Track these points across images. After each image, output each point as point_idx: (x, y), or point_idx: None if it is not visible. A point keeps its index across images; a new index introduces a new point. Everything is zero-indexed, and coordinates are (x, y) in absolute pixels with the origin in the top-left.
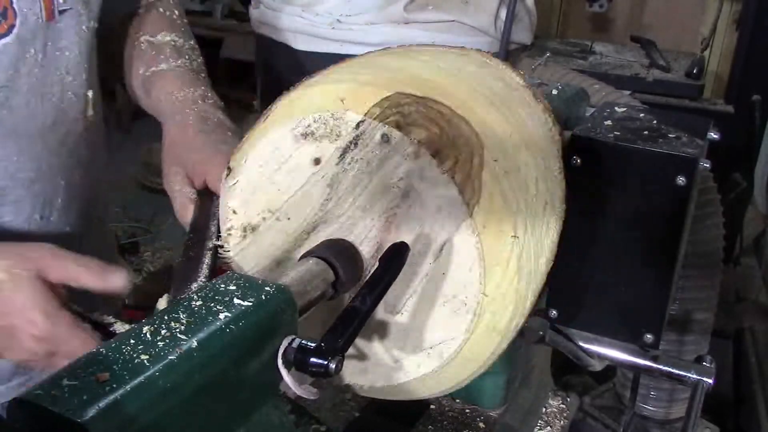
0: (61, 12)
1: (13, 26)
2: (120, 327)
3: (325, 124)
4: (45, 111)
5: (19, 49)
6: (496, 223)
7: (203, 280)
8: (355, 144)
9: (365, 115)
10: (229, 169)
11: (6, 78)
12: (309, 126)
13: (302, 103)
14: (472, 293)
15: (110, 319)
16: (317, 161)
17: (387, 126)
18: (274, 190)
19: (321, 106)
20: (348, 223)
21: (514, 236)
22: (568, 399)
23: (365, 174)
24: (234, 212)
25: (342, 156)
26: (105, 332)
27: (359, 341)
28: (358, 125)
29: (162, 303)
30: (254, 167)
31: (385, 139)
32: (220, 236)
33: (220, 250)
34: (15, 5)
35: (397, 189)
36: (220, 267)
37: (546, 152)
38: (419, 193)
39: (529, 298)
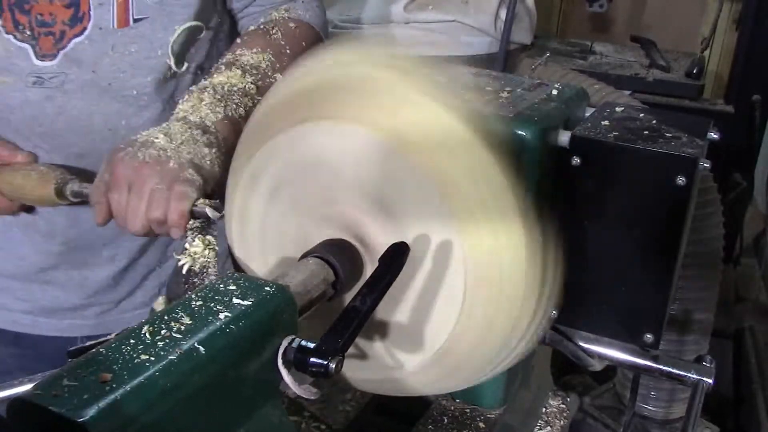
0: (136, 20)
1: (85, 29)
2: None
3: None
4: (100, 98)
5: (88, 47)
6: (483, 222)
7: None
8: None
9: None
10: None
11: (68, 65)
12: None
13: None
14: (468, 293)
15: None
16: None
17: None
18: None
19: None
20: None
21: (504, 234)
22: (568, 399)
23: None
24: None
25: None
26: None
27: (359, 339)
28: None
29: (159, 304)
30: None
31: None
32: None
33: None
34: (92, 12)
35: (394, 187)
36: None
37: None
38: (415, 191)
39: (527, 298)
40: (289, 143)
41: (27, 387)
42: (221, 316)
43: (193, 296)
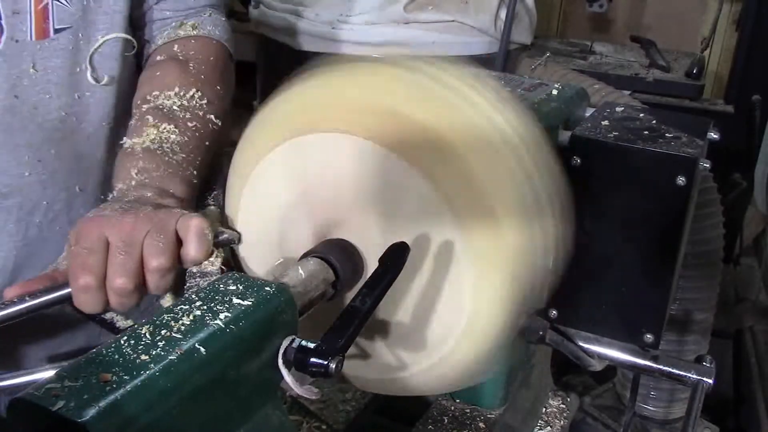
0: (57, 30)
1: None
2: (122, 322)
3: None
4: (24, 127)
5: (3, 66)
6: (488, 225)
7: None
8: None
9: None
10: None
11: None
12: None
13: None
14: (467, 292)
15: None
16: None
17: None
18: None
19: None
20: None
21: (509, 236)
22: (568, 399)
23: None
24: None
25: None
26: (110, 328)
27: (362, 340)
28: None
29: (166, 301)
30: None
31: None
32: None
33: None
34: (3, 22)
35: (394, 189)
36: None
37: (529, 149)
38: (415, 194)
39: (527, 297)
40: (291, 151)
41: (24, 378)
42: (221, 316)
43: (194, 296)
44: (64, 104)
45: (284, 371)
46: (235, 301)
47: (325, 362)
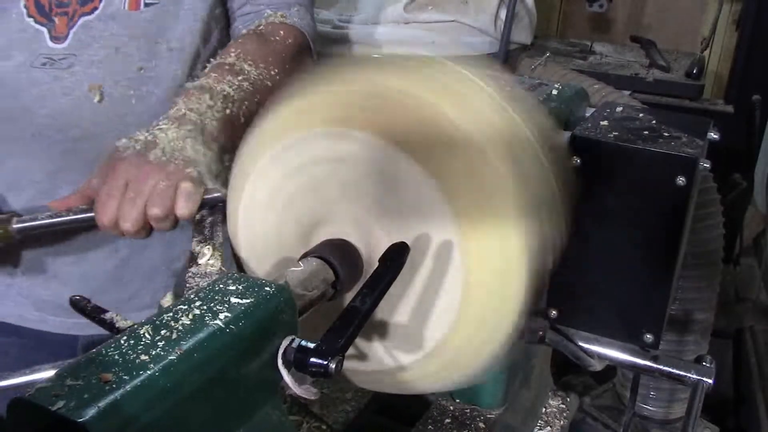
0: (147, 5)
1: (96, 8)
2: (122, 322)
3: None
4: (105, 83)
5: (96, 27)
6: (484, 223)
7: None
8: None
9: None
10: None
11: (78, 47)
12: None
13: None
14: (465, 294)
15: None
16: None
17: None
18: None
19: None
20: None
21: (508, 237)
22: (568, 399)
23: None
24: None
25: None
26: (110, 328)
27: (359, 339)
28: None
29: (166, 300)
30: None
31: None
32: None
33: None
34: None
35: (395, 188)
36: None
37: (534, 149)
38: (415, 191)
39: (522, 297)
40: (292, 149)
41: (24, 378)
42: (221, 316)
43: (193, 296)
44: (146, 67)
45: (284, 371)
46: (235, 301)
47: (325, 362)
